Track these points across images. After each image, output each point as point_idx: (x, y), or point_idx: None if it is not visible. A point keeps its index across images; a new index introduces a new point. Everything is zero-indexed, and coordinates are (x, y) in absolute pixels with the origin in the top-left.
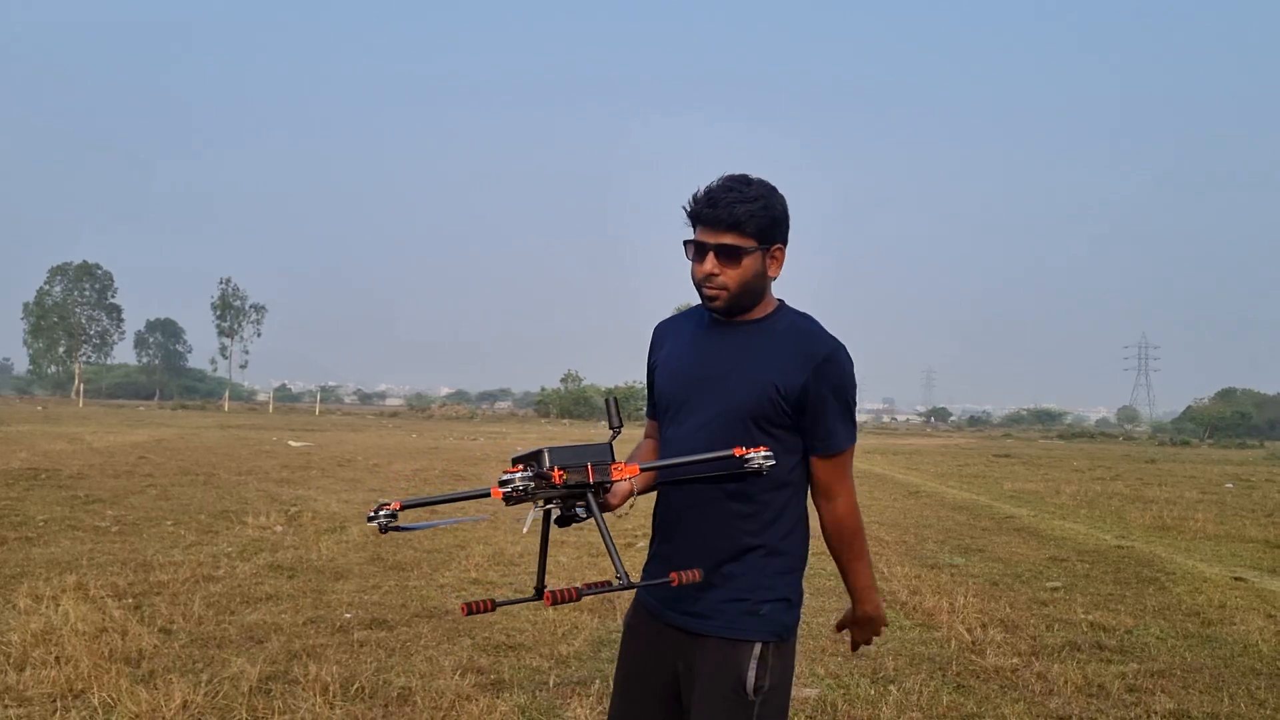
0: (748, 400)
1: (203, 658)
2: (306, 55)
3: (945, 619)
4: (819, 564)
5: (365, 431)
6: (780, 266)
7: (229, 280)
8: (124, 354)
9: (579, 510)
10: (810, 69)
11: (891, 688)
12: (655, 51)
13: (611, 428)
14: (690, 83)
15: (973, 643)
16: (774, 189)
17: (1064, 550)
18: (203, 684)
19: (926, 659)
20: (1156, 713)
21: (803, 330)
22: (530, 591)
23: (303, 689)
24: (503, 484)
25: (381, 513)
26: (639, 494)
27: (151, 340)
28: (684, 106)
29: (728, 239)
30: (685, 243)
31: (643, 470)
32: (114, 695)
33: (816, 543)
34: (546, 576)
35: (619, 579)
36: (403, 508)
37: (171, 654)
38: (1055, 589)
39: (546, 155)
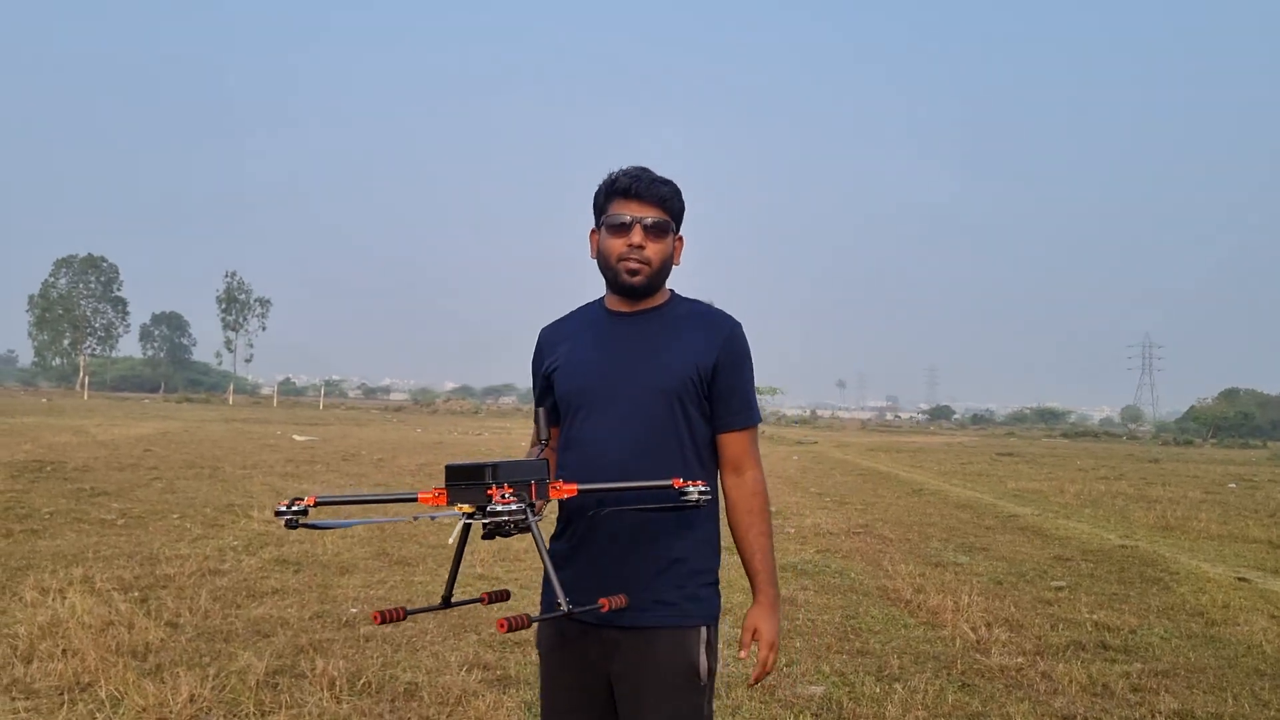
0: (670, 381)
1: (209, 651)
2: (314, 49)
3: (950, 618)
4: (822, 561)
5: (370, 426)
6: (679, 256)
7: (234, 274)
8: (129, 347)
9: (509, 526)
10: (809, 62)
11: (896, 686)
12: (678, 56)
13: (540, 440)
14: (711, 85)
15: (977, 641)
16: None
17: (1068, 550)
18: (209, 678)
19: (931, 657)
20: (1161, 713)
21: (703, 312)
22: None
23: (309, 683)
24: (490, 512)
25: (292, 508)
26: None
27: (156, 333)
28: (701, 110)
29: (655, 213)
30: (605, 217)
31: (581, 492)
32: (121, 688)
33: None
34: (457, 589)
35: (566, 604)
36: (317, 504)
37: (178, 647)
38: (1059, 588)
39: (550, 149)
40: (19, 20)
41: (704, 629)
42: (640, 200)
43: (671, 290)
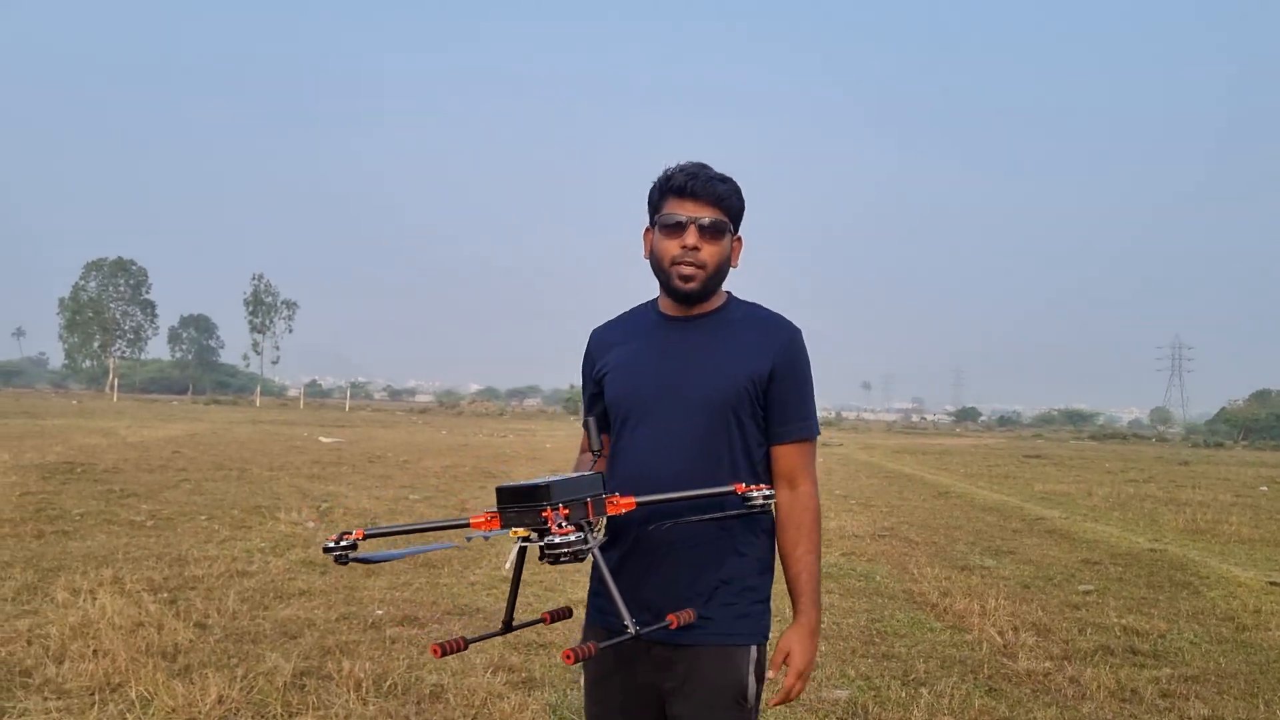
0: (725, 392)
1: (237, 652)
2: (341, 51)
3: (976, 621)
4: (848, 564)
5: (395, 428)
6: (738, 258)
7: (261, 276)
8: (158, 349)
9: (566, 556)
10: (829, 59)
11: (923, 690)
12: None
13: (592, 451)
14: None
15: (1004, 646)
16: None
17: (1096, 553)
18: (238, 679)
19: (958, 662)
20: (1191, 718)
21: (761, 317)
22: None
23: (336, 685)
24: (549, 545)
25: (342, 542)
26: None
27: (185, 335)
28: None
29: (712, 213)
30: (658, 217)
31: (639, 505)
32: (150, 689)
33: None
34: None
35: (634, 626)
36: (366, 536)
37: (207, 648)
38: (1087, 592)
39: (579, 153)
40: (52, 27)
41: (753, 649)
42: (696, 199)
43: (728, 293)
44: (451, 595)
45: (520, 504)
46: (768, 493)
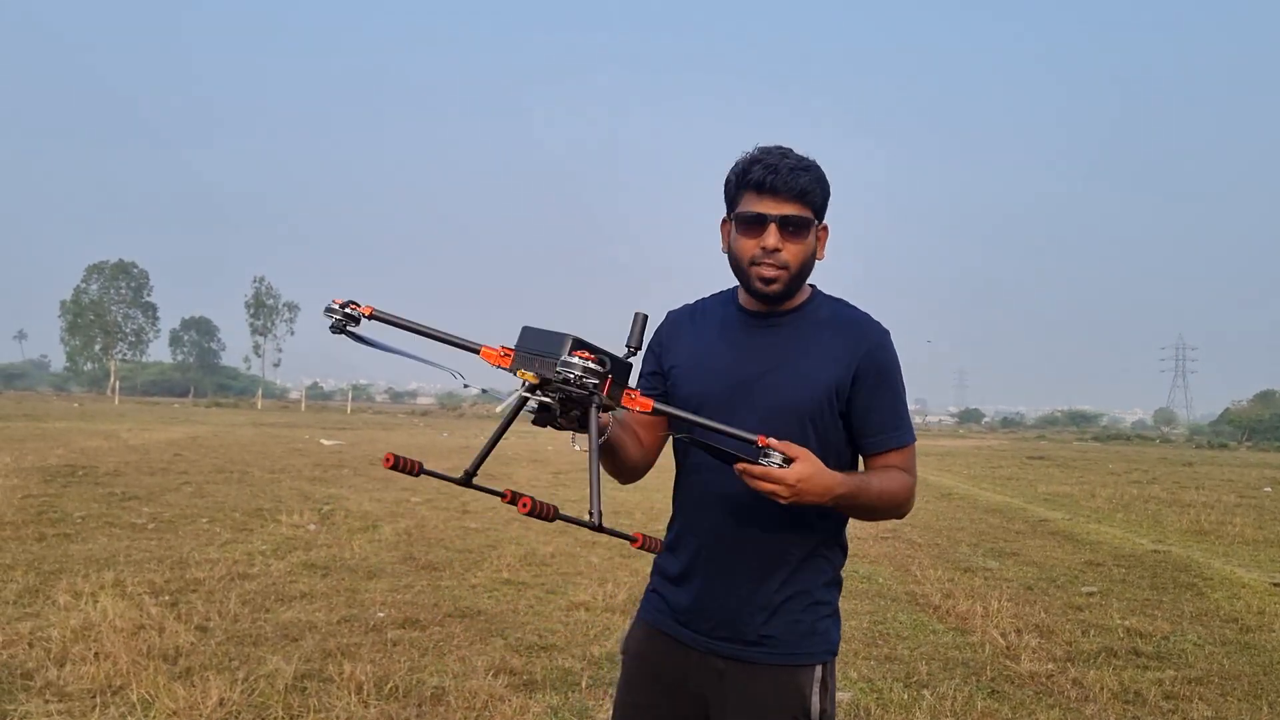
0: (802, 400)
1: (239, 655)
2: (336, 51)
3: (979, 623)
4: (849, 566)
5: (397, 430)
6: (824, 249)
7: (263, 278)
8: (159, 351)
9: (560, 408)
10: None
11: (925, 692)
12: (653, 41)
13: (629, 346)
14: (690, 69)
15: (1007, 648)
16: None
17: (1099, 555)
18: (239, 681)
19: (960, 664)
20: None
21: (847, 318)
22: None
23: (337, 687)
24: (565, 364)
25: (345, 309)
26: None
27: (186, 338)
28: (685, 93)
29: (793, 209)
30: (737, 214)
31: (656, 411)
32: (152, 692)
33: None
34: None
35: (591, 516)
36: (373, 316)
37: (208, 651)
38: (1091, 594)
39: (576, 148)
40: (40, 26)
41: (819, 668)
42: (776, 195)
43: (813, 287)
44: (453, 598)
45: (539, 348)
46: (781, 460)
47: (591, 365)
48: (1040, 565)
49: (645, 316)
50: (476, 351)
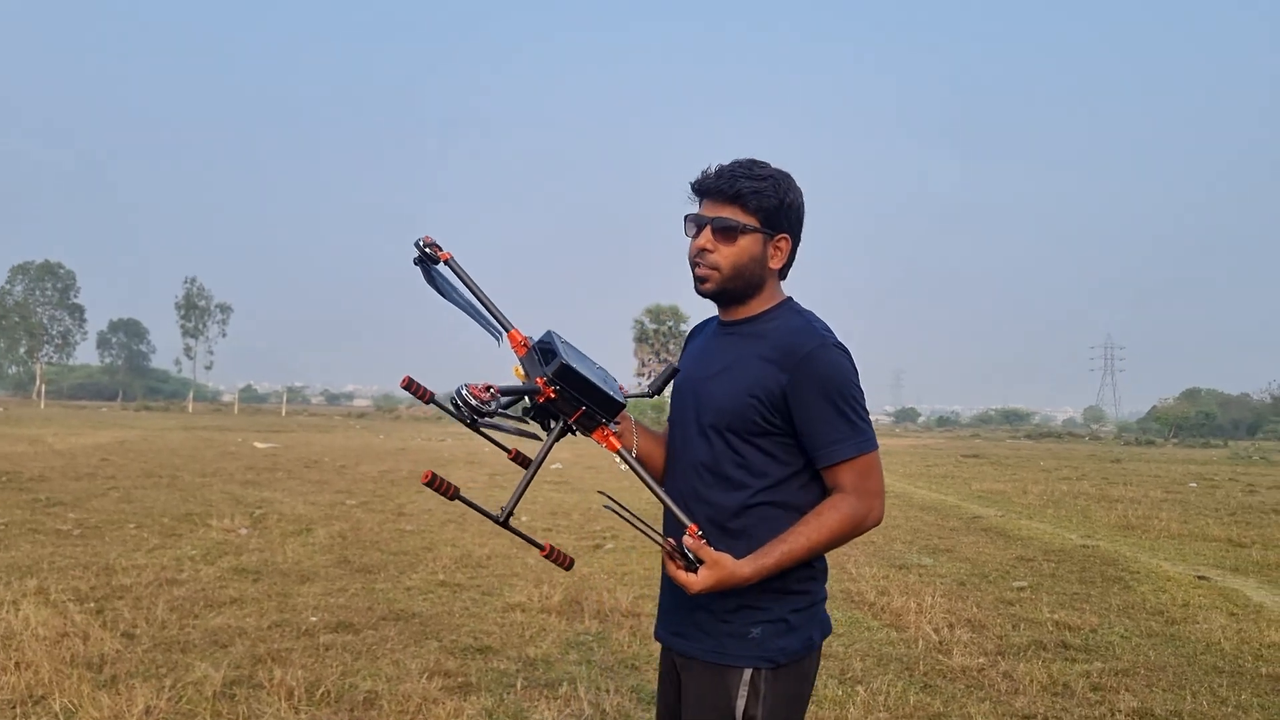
0: (725, 409)
1: (166, 662)
2: (275, 51)
3: (913, 619)
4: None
5: (333, 433)
6: (784, 259)
7: (194, 279)
8: (86, 354)
9: (552, 421)
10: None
11: (859, 688)
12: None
13: (650, 391)
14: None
15: (940, 643)
16: (789, 177)
17: (1030, 550)
18: (166, 689)
19: (894, 659)
20: (1120, 711)
21: (789, 328)
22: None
23: (267, 693)
24: (463, 402)
25: (427, 249)
26: (638, 459)
27: (114, 340)
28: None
29: (726, 213)
30: (686, 217)
31: (620, 456)
32: (75, 701)
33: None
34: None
35: (502, 510)
36: (448, 262)
37: (134, 659)
38: (1021, 589)
39: (520, 155)
40: None
41: (749, 671)
42: (711, 198)
43: (786, 298)
44: (388, 601)
45: (541, 356)
46: (693, 560)
47: (476, 402)
48: (973, 561)
49: (676, 370)
50: (507, 330)
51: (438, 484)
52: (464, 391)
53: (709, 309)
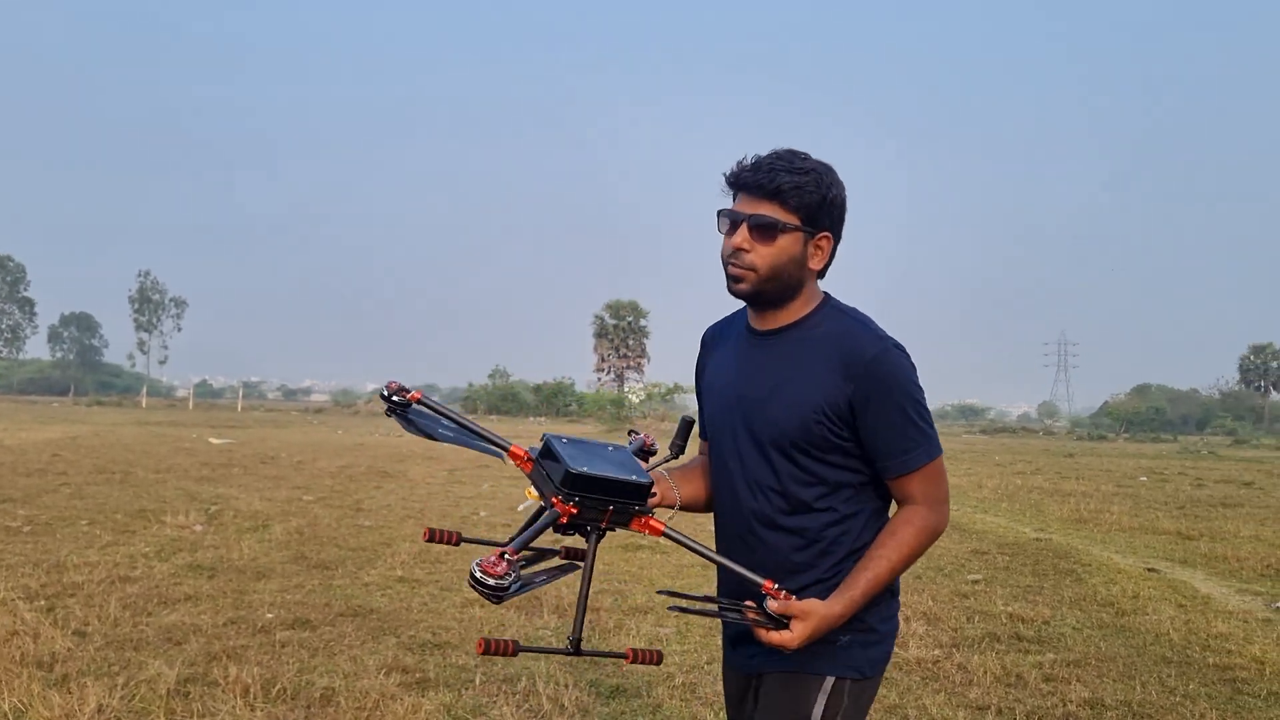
0: (789, 428)
1: (119, 660)
2: (227, 42)
3: None
4: None
5: (290, 428)
6: (824, 259)
7: (148, 273)
8: (37, 349)
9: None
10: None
11: None
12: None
13: (672, 449)
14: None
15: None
16: (832, 170)
17: (985, 544)
18: (118, 687)
19: None
20: (1072, 701)
21: (842, 332)
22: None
23: (222, 691)
24: (472, 578)
25: (395, 398)
26: (685, 508)
27: (66, 334)
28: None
29: (765, 209)
30: (719, 212)
31: (666, 535)
32: (25, 700)
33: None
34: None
35: (570, 640)
36: (420, 402)
37: (86, 657)
38: (976, 582)
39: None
40: None
41: (831, 680)
42: (750, 193)
43: (825, 297)
44: (345, 597)
45: (546, 467)
46: (779, 614)
47: (494, 581)
48: (928, 555)
49: (692, 422)
50: (506, 449)
51: (439, 536)
52: (478, 573)
53: (670, 307)
